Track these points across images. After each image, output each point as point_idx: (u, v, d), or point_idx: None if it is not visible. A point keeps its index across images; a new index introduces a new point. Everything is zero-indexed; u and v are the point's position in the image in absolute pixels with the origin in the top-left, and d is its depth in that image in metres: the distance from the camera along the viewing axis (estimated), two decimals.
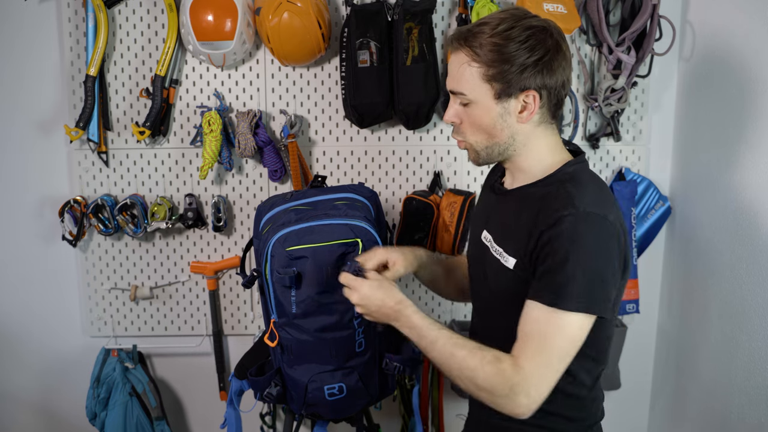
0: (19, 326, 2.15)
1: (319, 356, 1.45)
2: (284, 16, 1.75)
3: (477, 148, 1.19)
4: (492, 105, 1.13)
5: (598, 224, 1.05)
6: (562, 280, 1.03)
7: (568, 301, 1.03)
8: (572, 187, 1.10)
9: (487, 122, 1.15)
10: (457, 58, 1.14)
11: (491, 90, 1.12)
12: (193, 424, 2.27)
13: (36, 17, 1.95)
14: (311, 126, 2.02)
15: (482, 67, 1.11)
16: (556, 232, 1.05)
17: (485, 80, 1.11)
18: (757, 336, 1.63)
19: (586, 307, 1.04)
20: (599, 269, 1.05)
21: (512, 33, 1.09)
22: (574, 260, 1.03)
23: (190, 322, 2.12)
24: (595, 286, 1.04)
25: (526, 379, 1.04)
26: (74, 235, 1.96)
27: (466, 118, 1.17)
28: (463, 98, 1.15)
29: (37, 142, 2.02)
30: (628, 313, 2.08)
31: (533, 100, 1.12)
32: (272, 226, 1.43)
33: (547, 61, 1.10)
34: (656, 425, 2.22)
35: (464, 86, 1.14)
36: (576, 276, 1.03)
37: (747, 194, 1.68)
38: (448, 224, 1.93)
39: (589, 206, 1.06)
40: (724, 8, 1.79)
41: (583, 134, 2.03)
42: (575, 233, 1.04)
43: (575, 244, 1.03)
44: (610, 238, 1.06)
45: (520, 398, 1.04)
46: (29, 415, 2.23)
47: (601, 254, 1.05)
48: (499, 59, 1.09)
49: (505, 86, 1.11)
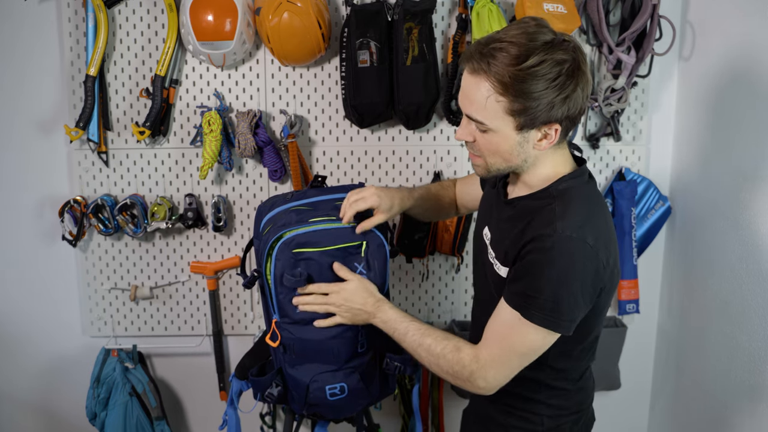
0: (19, 326, 2.15)
1: (322, 356, 1.45)
2: (284, 16, 1.75)
3: (490, 167, 1.19)
4: (512, 135, 1.11)
5: (574, 248, 1.08)
6: (533, 294, 1.09)
7: (534, 315, 1.10)
8: (559, 206, 1.12)
9: (504, 149, 1.14)
10: (479, 85, 1.08)
11: (514, 122, 1.09)
12: (193, 424, 2.27)
13: (36, 17, 1.95)
14: (311, 126, 2.02)
15: (507, 101, 1.07)
16: (535, 248, 1.10)
17: (509, 113, 1.08)
18: (757, 336, 1.63)
19: (549, 325, 1.10)
20: (568, 292, 1.09)
21: (542, 69, 1.04)
22: (547, 279, 1.08)
23: (190, 322, 2.12)
24: (561, 306, 1.09)
25: (483, 368, 1.16)
26: (74, 235, 1.96)
27: (482, 141, 1.15)
28: (482, 126, 1.12)
29: (37, 142, 2.02)
30: (628, 313, 2.09)
31: (555, 132, 1.11)
32: (273, 226, 1.43)
33: (574, 96, 1.08)
34: (656, 425, 2.22)
35: (485, 116, 1.10)
36: (545, 294, 1.08)
37: (747, 194, 1.68)
38: (448, 224, 1.93)
39: (568, 230, 1.08)
40: (724, 8, 1.79)
41: (583, 134, 2.04)
42: (551, 254, 1.08)
43: (549, 264, 1.08)
44: (585, 261, 1.08)
45: (479, 382, 1.17)
46: (29, 415, 2.23)
47: (573, 277, 1.08)
48: (526, 96, 1.05)
49: (530, 120, 1.08)
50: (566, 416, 1.29)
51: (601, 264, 1.10)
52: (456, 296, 2.13)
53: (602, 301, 1.18)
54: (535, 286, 1.09)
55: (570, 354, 1.23)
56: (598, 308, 1.18)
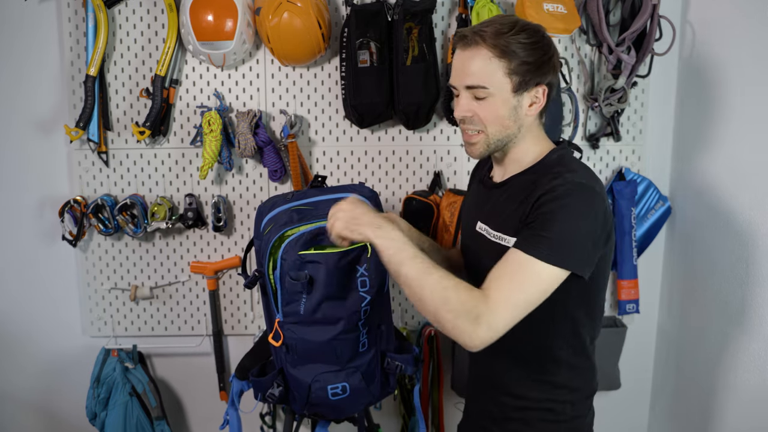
0: (19, 326, 2.15)
1: (324, 356, 1.45)
2: (284, 16, 1.75)
3: (490, 139, 1.25)
4: (509, 98, 1.21)
5: (586, 192, 1.15)
6: (546, 234, 1.12)
7: (546, 252, 1.11)
8: (561, 167, 1.22)
9: (503, 114, 1.22)
10: (478, 54, 1.19)
11: (510, 83, 1.20)
12: (193, 424, 2.27)
13: (36, 17, 1.95)
14: (311, 126, 2.02)
15: (504, 61, 1.18)
16: (548, 198, 1.14)
17: (506, 74, 1.19)
18: (757, 336, 1.64)
19: (562, 262, 1.12)
20: (581, 231, 1.14)
21: (527, 33, 1.19)
22: (560, 219, 1.12)
23: (190, 322, 2.12)
24: (575, 244, 1.13)
25: (492, 311, 1.09)
26: (74, 235, 1.96)
27: (481, 111, 1.23)
28: (481, 92, 1.21)
29: (37, 142, 2.02)
30: (628, 313, 2.09)
31: (543, 94, 1.23)
32: (274, 226, 1.43)
33: (554, 61, 1.23)
34: (656, 425, 2.22)
35: (486, 80, 1.19)
36: (559, 233, 1.12)
37: (747, 194, 1.68)
38: (448, 224, 1.93)
39: (578, 178, 1.17)
40: (724, 8, 1.80)
41: (583, 134, 2.04)
42: (564, 198, 1.13)
43: (563, 207, 1.13)
44: (596, 206, 1.16)
45: (482, 328, 1.08)
46: (29, 415, 2.23)
47: (585, 218, 1.14)
48: (523, 55, 1.18)
49: (524, 80, 1.19)
50: (584, 401, 1.33)
51: (608, 210, 1.18)
52: None
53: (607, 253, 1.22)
54: (546, 227, 1.12)
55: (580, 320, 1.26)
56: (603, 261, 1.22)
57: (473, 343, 1.10)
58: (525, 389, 1.30)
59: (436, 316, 1.11)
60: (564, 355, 1.27)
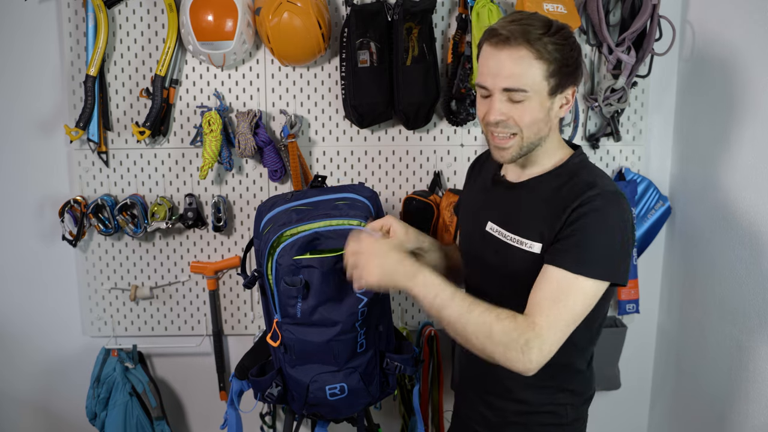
0: (19, 326, 2.15)
1: (322, 357, 1.45)
2: (284, 16, 1.75)
3: (524, 142, 1.21)
4: (546, 100, 1.19)
5: (619, 202, 1.16)
6: (590, 248, 1.13)
7: (592, 268, 1.12)
8: (588, 174, 1.21)
9: (540, 116, 1.20)
10: (518, 56, 1.15)
11: (548, 86, 1.18)
12: (193, 424, 2.27)
13: (36, 17, 1.95)
14: (311, 126, 2.02)
15: (545, 63, 1.15)
16: (586, 210, 1.14)
17: (546, 77, 1.16)
18: (757, 336, 1.64)
19: (607, 275, 1.13)
20: (620, 241, 1.15)
21: (565, 33, 1.18)
22: (601, 233, 1.13)
23: (190, 322, 2.12)
24: (615, 256, 1.14)
25: (540, 335, 1.10)
26: (74, 235, 1.96)
27: (517, 114, 1.19)
28: (520, 95, 1.17)
29: (37, 142, 2.02)
30: (628, 313, 2.09)
31: (572, 95, 1.23)
32: (273, 226, 1.43)
33: (581, 62, 1.23)
34: (656, 425, 2.22)
35: (526, 82, 1.16)
36: (601, 247, 1.13)
37: (747, 194, 1.68)
38: (448, 224, 1.92)
39: (609, 186, 1.18)
40: (724, 8, 1.79)
41: (583, 134, 2.03)
42: (603, 210, 1.14)
43: (603, 219, 1.14)
44: (628, 214, 1.17)
45: (533, 353, 1.09)
46: (29, 415, 2.23)
47: (622, 228, 1.15)
48: (560, 57, 1.16)
49: (560, 83, 1.18)
50: (584, 404, 1.33)
51: (632, 216, 1.21)
52: None
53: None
54: (588, 242, 1.12)
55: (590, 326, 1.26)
56: None
57: (527, 369, 1.11)
58: (527, 393, 1.29)
59: (485, 351, 1.12)
60: (566, 359, 1.25)
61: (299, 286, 1.35)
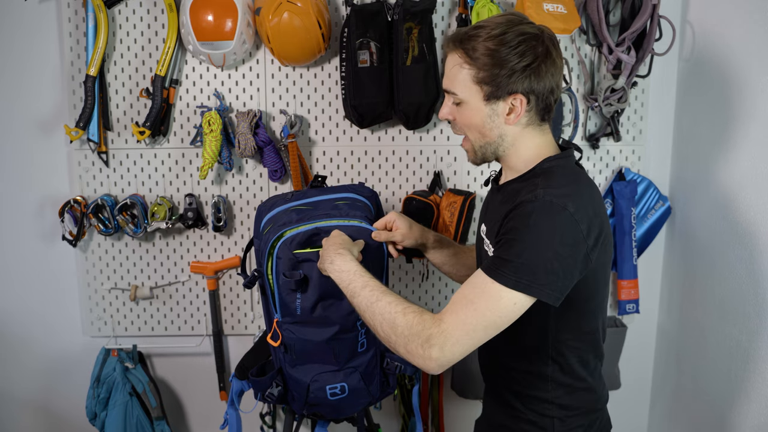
0: (20, 326, 2.15)
1: (322, 357, 1.45)
2: (284, 16, 1.75)
3: (474, 146, 1.25)
4: (481, 106, 1.18)
5: (554, 213, 1.07)
6: (507, 256, 1.07)
7: (507, 276, 1.06)
8: (541, 180, 1.15)
9: (477, 122, 1.20)
10: (452, 59, 1.20)
11: (481, 92, 1.17)
12: (193, 424, 2.27)
13: (36, 17, 1.95)
14: (311, 126, 2.02)
15: (473, 69, 1.16)
16: (515, 215, 1.09)
17: (476, 82, 1.16)
18: (757, 336, 1.64)
19: (523, 287, 1.05)
20: (547, 255, 1.06)
21: (505, 38, 1.13)
22: (523, 241, 1.06)
23: (190, 322, 2.12)
24: (538, 269, 1.06)
25: (443, 333, 1.06)
26: (74, 235, 1.96)
27: (459, 116, 1.23)
28: (455, 98, 1.21)
29: (37, 142, 2.02)
30: (628, 313, 2.09)
31: (520, 103, 1.16)
32: (273, 226, 1.43)
33: (536, 67, 1.14)
34: (656, 425, 2.22)
35: (456, 87, 1.19)
36: (521, 256, 1.06)
37: (747, 194, 1.68)
38: (448, 224, 1.93)
39: (548, 196, 1.08)
40: (724, 8, 1.79)
41: (583, 134, 2.04)
42: (530, 218, 1.07)
43: (528, 227, 1.07)
44: (565, 228, 1.07)
45: (434, 350, 1.06)
46: (29, 415, 2.23)
47: (551, 241, 1.06)
48: (489, 63, 1.14)
49: (494, 89, 1.15)
50: (576, 418, 1.26)
51: (581, 234, 1.08)
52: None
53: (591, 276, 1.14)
54: (511, 251, 1.07)
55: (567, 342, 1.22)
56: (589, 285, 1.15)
57: (426, 366, 1.07)
58: (514, 399, 1.29)
59: (389, 342, 1.12)
60: (550, 371, 1.23)
61: (298, 278, 1.35)
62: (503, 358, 1.29)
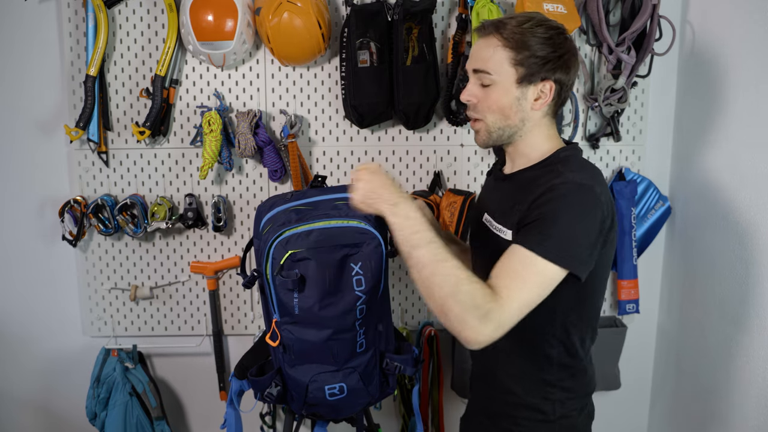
0: (20, 326, 2.15)
1: (321, 357, 1.45)
2: (284, 16, 1.75)
3: (491, 128, 1.27)
4: (512, 88, 1.22)
5: (585, 192, 1.14)
6: (547, 232, 1.11)
7: (549, 251, 1.10)
8: (562, 167, 1.21)
9: (505, 103, 1.23)
10: (488, 42, 1.23)
11: (515, 74, 1.21)
12: (193, 424, 2.27)
13: (36, 17, 1.95)
14: (311, 126, 2.02)
15: (512, 52, 1.20)
16: (548, 197, 1.14)
17: (512, 64, 1.21)
18: (756, 336, 1.64)
19: (563, 261, 1.10)
20: (579, 231, 1.13)
21: (540, 29, 1.21)
22: (561, 220, 1.12)
23: (190, 322, 2.13)
24: (573, 245, 1.12)
25: (501, 308, 1.07)
26: (74, 235, 1.96)
27: (484, 97, 1.25)
28: (486, 78, 1.23)
29: (37, 142, 2.02)
30: (628, 313, 2.09)
31: (549, 90, 1.22)
32: (273, 226, 1.42)
33: (567, 60, 1.22)
34: (656, 425, 2.22)
35: (491, 66, 1.22)
36: (560, 232, 1.11)
37: (747, 194, 1.68)
38: (448, 224, 1.93)
39: (578, 178, 1.15)
40: (724, 8, 1.79)
41: (583, 134, 2.03)
42: (565, 197, 1.13)
43: (564, 208, 1.12)
44: (594, 207, 1.14)
45: (489, 325, 1.05)
46: (29, 415, 2.23)
47: (582, 219, 1.13)
48: (528, 48, 1.20)
49: (529, 73, 1.20)
50: (575, 401, 1.31)
51: (605, 214, 1.15)
52: None
53: (604, 257, 1.21)
54: (549, 228, 1.11)
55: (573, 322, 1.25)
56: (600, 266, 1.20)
57: (477, 339, 1.06)
58: (514, 384, 1.30)
59: (443, 307, 1.07)
60: (555, 353, 1.27)
61: (294, 278, 1.35)
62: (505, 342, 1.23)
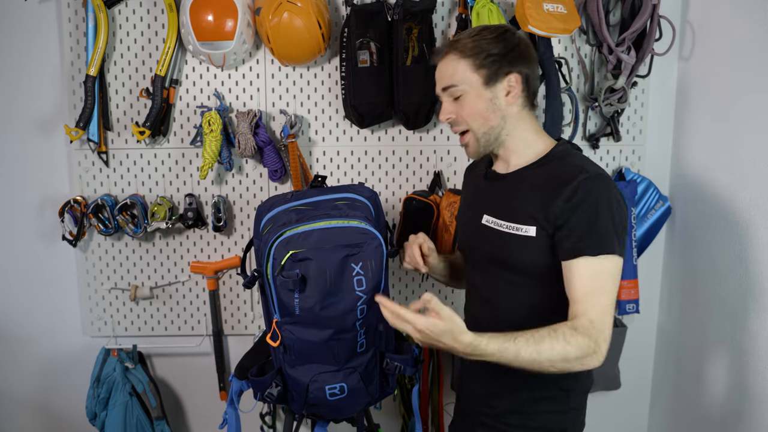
0: (20, 326, 2.15)
1: (321, 357, 1.45)
2: (284, 16, 1.75)
3: (477, 134, 1.32)
4: (482, 92, 1.29)
5: (606, 182, 1.22)
6: (601, 231, 1.19)
7: (609, 246, 1.18)
8: (574, 160, 1.28)
9: (480, 107, 1.30)
10: (447, 60, 1.32)
11: (480, 78, 1.29)
12: (193, 424, 2.27)
13: (36, 17, 1.95)
14: (311, 126, 2.02)
15: (470, 59, 1.29)
16: (581, 197, 1.19)
17: (474, 70, 1.28)
18: (757, 336, 1.64)
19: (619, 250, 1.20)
20: (618, 218, 1.21)
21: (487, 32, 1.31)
22: (602, 214, 1.19)
23: (190, 322, 2.12)
24: (618, 232, 1.21)
25: (602, 330, 1.16)
26: (74, 235, 1.96)
27: (461, 110, 1.32)
28: (456, 90, 1.31)
29: (37, 142, 2.02)
30: (628, 313, 2.08)
31: (516, 81, 1.29)
32: (273, 226, 1.43)
33: (521, 51, 1.30)
34: (656, 425, 2.22)
35: (457, 78, 1.30)
36: (608, 226, 1.19)
37: (746, 194, 1.68)
38: (448, 224, 1.92)
39: (597, 169, 1.24)
40: (724, 8, 1.79)
41: (583, 134, 2.03)
42: (597, 193, 1.20)
43: (599, 201, 1.19)
44: (617, 193, 1.23)
45: (603, 347, 1.15)
46: (29, 415, 2.23)
47: (615, 205, 1.21)
48: (483, 50, 1.28)
49: (492, 72, 1.28)
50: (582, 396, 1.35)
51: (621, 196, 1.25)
52: (456, 296, 2.13)
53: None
54: (595, 225, 1.18)
55: None
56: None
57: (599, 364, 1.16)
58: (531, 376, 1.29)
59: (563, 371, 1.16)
60: None
61: (295, 278, 1.35)
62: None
